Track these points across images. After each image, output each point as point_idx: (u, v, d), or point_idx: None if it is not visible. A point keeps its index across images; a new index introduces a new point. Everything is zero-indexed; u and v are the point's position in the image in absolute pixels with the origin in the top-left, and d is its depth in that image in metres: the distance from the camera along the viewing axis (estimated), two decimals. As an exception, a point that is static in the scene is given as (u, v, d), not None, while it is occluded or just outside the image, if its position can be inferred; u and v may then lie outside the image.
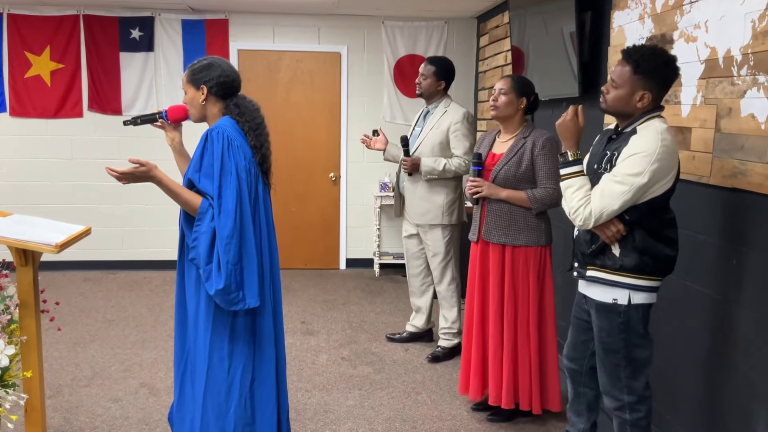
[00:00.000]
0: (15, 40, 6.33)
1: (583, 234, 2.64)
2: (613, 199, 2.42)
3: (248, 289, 2.47)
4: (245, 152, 2.53)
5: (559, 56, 4.22)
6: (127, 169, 2.38)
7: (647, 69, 2.42)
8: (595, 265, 2.60)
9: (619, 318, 2.55)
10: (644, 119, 2.48)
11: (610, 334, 2.58)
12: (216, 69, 2.57)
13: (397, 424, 3.52)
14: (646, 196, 2.43)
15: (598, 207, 2.45)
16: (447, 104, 4.35)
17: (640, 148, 2.39)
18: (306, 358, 4.43)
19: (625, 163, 2.41)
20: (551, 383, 3.45)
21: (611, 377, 2.63)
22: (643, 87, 2.44)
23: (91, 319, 5.17)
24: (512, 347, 3.40)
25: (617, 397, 2.63)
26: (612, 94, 2.50)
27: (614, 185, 2.42)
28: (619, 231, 2.49)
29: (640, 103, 2.46)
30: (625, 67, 2.45)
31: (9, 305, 2.77)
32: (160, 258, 6.67)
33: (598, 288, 2.61)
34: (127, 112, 6.49)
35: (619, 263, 2.52)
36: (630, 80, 2.44)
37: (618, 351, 2.58)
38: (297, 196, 6.83)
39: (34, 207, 6.35)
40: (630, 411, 2.61)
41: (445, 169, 4.20)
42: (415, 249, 4.56)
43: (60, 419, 3.49)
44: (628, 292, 2.53)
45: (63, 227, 2.78)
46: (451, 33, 6.75)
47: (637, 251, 2.49)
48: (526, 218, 3.35)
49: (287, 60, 6.69)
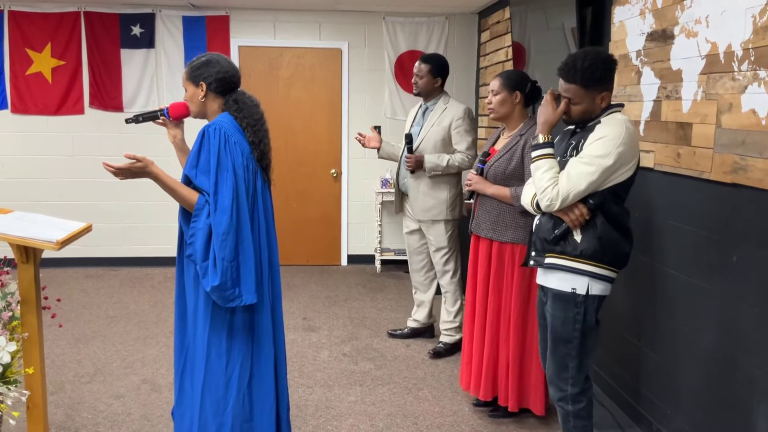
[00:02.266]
0: (16, 36, 6.33)
1: (545, 221, 2.69)
2: (580, 179, 2.50)
3: (245, 286, 2.47)
4: (243, 148, 2.53)
5: (560, 52, 4.21)
6: (123, 164, 2.38)
7: (594, 79, 2.55)
8: (554, 252, 2.65)
9: (575, 308, 2.62)
10: (606, 113, 2.60)
11: (564, 324, 2.64)
12: (215, 65, 2.57)
13: (399, 420, 3.52)
14: (610, 180, 2.53)
15: (566, 187, 2.52)
16: (446, 101, 4.36)
17: (606, 133, 2.51)
18: (307, 354, 4.43)
19: (592, 146, 2.52)
20: (534, 384, 3.40)
21: (559, 367, 2.70)
22: (600, 92, 2.58)
23: (92, 315, 5.18)
24: (493, 342, 3.43)
25: (561, 388, 2.71)
26: (575, 110, 2.62)
27: (581, 166, 2.51)
28: (583, 214, 2.55)
29: (603, 103, 2.61)
30: (574, 86, 2.58)
31: (10, 302, 2.78)
32: (162, 255, 6.68)
33: (556, 277, 2.66)
34: (128, 108, 6.50)
35: (579, 249, 2.57)
36: (585, 95, 2.58)
37: (570, 341, 2.65)
38: (298, 192, 6.83)
39: (35, 204, 6.35)
40: (572, 402, 2.69)
41: (449, 164, 4.21)
42: (416, 245, 4.56)
43: (62, 416, 3.50)
44: (588, 280, 2.59)
45: (64, 224, 2.78)
46: (452, 29, 6.74)
47: (597, 238, 2.55)
48: (514, 215, 3.34)
49: (288, 56, 6.69)
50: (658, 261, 3.22)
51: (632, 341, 3.46)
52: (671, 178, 3.10)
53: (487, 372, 3.45)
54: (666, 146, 3.12)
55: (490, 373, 3.45)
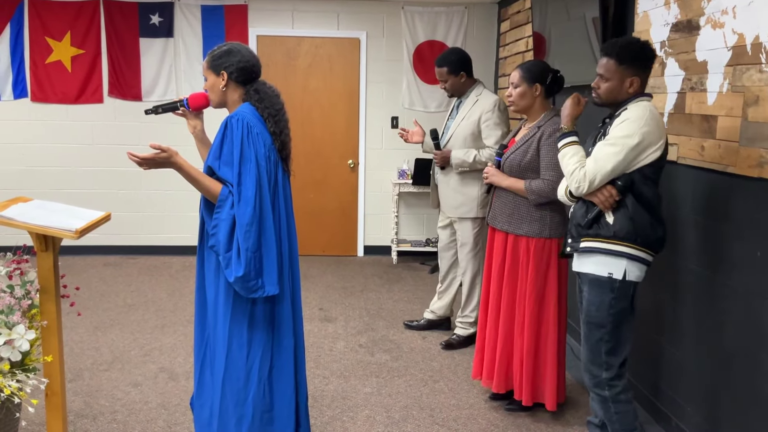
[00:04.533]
0: (36, 25, 6.36)
1: (578, 208, 2.76)
2: (606, 160, 2.57)
3: (267, 277, 2.47)
4: (265, 139, 2.52)
5: (582, 42, 4.16)
6: (148, 154, 2.38)
7: (629, 57, 2.63)
8: (589, 235, 2.68)
9: (611, 294, 2.64)
10: (633, 101, 2.65)
11: (599, 309, 2.67)
12: (236, 55, 2.56)
13: (415, 412, 3.51)
14: (638, 161, 2.58)
15: (593, 169, 2.59)
16: (478, 92, 4.29)
17: (629, 115, 2.58)
18: (324, 344, 4.43)
19: (617, 128, 2.59)
20: (548, 379, 3.36)
21: (592, 352, 2.72)
22: (631, 74, 2.64)
23: (111, 303, 5.21)
24: (506, 335, 3.41)
25: (595, 373, 2.72)
26: (604, 87, 2.69)
27: (607, 147, 2.58)
28: (612, 195, 2.59)
29: (631, 88, 2.65)
30: (610, 61, 2.66)
31: (29, 290, 2.79)
32: (180, 243, 6.71)
33: (592, 261, 2.69)
34: (147, 98, 6.52)
35: (612, 230, 2.61)
36: (618, 71, 2.64)
37: (604, 326, 2.67)
38: (315, 182, 6.82)
39: (54, 192, 6.40)
40: (608, 387, 2.70)
41: (476, 160, 4.13)
42: (447, 240, 4.53)
43: (80, 403, 3.52)
44: (624, 263, 2.62)
45: (83, 213, 2.79)
46: (472, 18, 6.68)
47: (629, 219, 2.59)
48: (529, 208, 3.31)
49: (306, 46, 6.67)
50: (680, 256, 3.18)
51: (653, 337, 3.42)
52: (695, 172, 3.05)
53: (501, 364, 3.44)
54: (690, 139, 3.07)
55: (504, 365, 3.44)
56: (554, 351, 3.34)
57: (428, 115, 6.68)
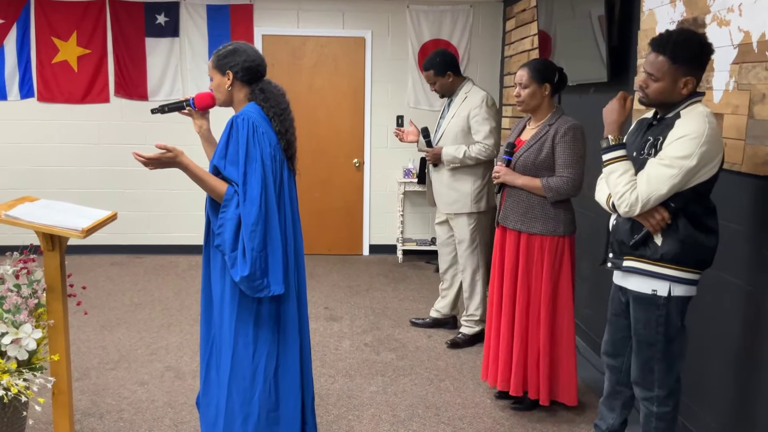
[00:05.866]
0: (42, 25, 6.38)
1: (622, 223, 2.56)
2: (661, 183, 2.35)
3: (273, 276, 2.47)
4: (270, 138, 2.53)
5: (588, 40, 4.15)
6: (153, 154, 2.38)
7: (686, 57, 2.37)
8: (633, 255, 2.53)
9: (658, 311, 2.49)
10: (687, 104, 2.43)
11: (647, 327, 2.53)
12: (241, 54, 2.57)
13: (420, 411, 3.51)
14: (693, 181, 2.37)
15: (645, 192, 2.38)
16: (467, 89, 4.32)
17: (688, 131, 2.34)
18: (329, 343, 4.44)
19: (673, 146, 2.35)
20: (564, 376, 3.38)
21: (644, 370, 2.59)
22: (685, 74, 2.39)
23: (117, 302, 5.23)
24: (522, 335, 3.39)
25: (648, 388, 2.60)
26: (653, 87, 2.43)
27: (662, 169, 2.35)
28: (664, 219, 2.42)
29: (685, 89, 2.41)
30: (661, 58, 2.39)
31: (36, 289, 2.81)
32: (186, 243, 6.73)
33: (636, 279, 2.55)
34: (153, 97, 6.54)
35: (660, 253, 2.45)
36: (670, 71, 2.38)
37: (654, 344, 2.53)
38: (321, 181, 6.83)
39: (61, 192, 6.43)
40: (658, 404, 2.58)
41: (466, 156, 4.16)
42: (445, 236, 4.54)
43: (87, 402, 3.54)
44: (669, 284, 2.46)
45: (89, 212, 2.80)
46: (477, 17, 6.67)
47: (679, 241, 2.41)
48: (544, 207, 3.30)
49: (311, 45, 6.67)
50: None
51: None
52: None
53: (518, 366, 3.40)
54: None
55: (521, 367, 3.40)
56: (569, 348, 3.35)
57: (433, 113, 6.67)
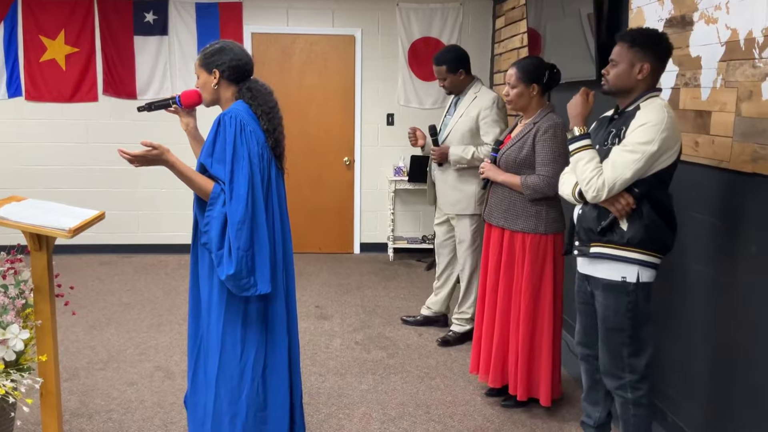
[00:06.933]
0: (30, 24, 6.34)
1: (589, 211, 2.66)
2: (626, 168, 2.47)
3: (260, 275, 2.47)
4: (258, 137, 2.52)
5: (577, 38, 4.16)
6: (139, 152, 2.37)
7: (642, 42, 2.55)
8: (600, 241, 2.62)
9: (627, 297, 2.59)
10: (645, 97, 2.57)
11: (617, 314, 2.62)
12: (228, 53, 2.56)
13: (411, 409, 3.51)
14: (655, 166, 2.50)
15: (611, 177, 2.49)
16: (477, 89, 4.28)
17: (649, 119, 2.48)
18: (320, 342, 4.43)
19: (635, 133, 2.48)
20: (543, 375, 3.38)
21: (614, 357, 2.67)
22: (641, 59, 2.55)
23: (107, 302, 5.20)
24: (503, 330, 3.42)
25: (619, 376, 2.67)
26: (612, 73, 2.61)
27: (626, 154, 2.48)
28: (629, 204, 2.53)
29: (640, 74, 2.56)
30: (620, 44, 2.60)
31: (24, 290, 2.79)
32: (176, 242, 6.70)
33: (604, 266, 2.63)
34: (141, 96, 6.50)
35: (626, 237, 2.55)
36: (627, 55, 2.57)
37: (624, 330, 2.62)
38: (311, 180, 6.81)
39: (49, 191, 6.39)
40: (632, 390, 2.65)
41: (474, 157, 4.11)
42: (444, 236, 4.53)
43: (76, 402, 3.52)
44: (637, 269, 2.56)
45: (77, 212, 2.78)
46: (467, 15, 6.67)
47: (644, 226, 2.53)
48: (525, 204, 3.32)
49: (301, 43, 6.65)
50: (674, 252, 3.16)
51: (647, 332, 3.42)
52: (689, 168, 3.05)
53: (497, 359, 3.46)
54: (684, 135, 3.06)
55: (500, 359, 3.46)
56: (549, 346, 3.34)
57: (424, 111, 6.69)
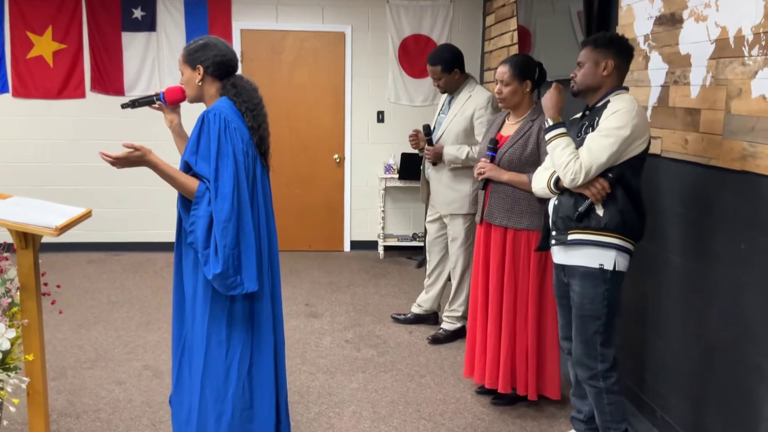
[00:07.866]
0: (17, 19, 6.27)
1: (565, 200, 2.75)
2: (601, 151, 2.58)
3: (246, 274, 2.44)
4: (243, 134, 2.49)
5: (566, 36, 4.16)
6: (121, 153, 2.34)
7: (603, 42, 2.72)
8: (578, 228, 2.70)
9: (604, 285, 2.67)
10: (614, 94, 2.71)
11: (593, 302, 2.69)
12: (212, 49, 2.53)
13: (401, 407, 3.51)
14: (627, 152, 2.61)
15: (588, 160, 2.60)
16: (471, 88, 4.26)
17: (620, 106, 2.61)
18: (310, 340, 4.42)
19: (609, 119, 2.61)
20: (550, 370, 3.40)
21: (587, 345, 2.75)
22: (604, 56, 2.70)
23: (95, 301, 5.17)
24: (510, 331, 3.38)
25: (591, 366, 2.75)
26: (580, 73, 2.76)
27: (601, 139, 2.59)
28: (605, 188, 2.62)
29: (605, 71, 2.70)
30: (586, 48, 2.75)
31: (10, 288, 2.76)
32: (164, 240, 6.64)
33: (581, 253, 2.71)
34: (129, 92, 6.45)
35: (603, 222, 2.64)
36: (591, 55, 2.72)
37: (599, 318, 2.70)
38: (301, 177, 6.79)
39: (35, 188, 6.32)
40: (604, 378, 2.73)
41: (469, 157, 4.10)
42: (436, 234, 4.51)
43: (63, 401, 3.49)
44: (614, 254, 2.65)
45: (64, 210, 2.75)
46: (457, 12, 6.66)
47: (618, 211, 2.63)
48: (530, 202, 3.30)
49: (291, 40, 6.62)
50: (664, 248, 3.18)
51: (637, 330, 3.43)
52: (679, 165, 3.06)
53: (506, 363, 3.38)
54: (674, 132, 3.08)
55: (509, 363, 3.39)
56: (554, 340, 3.36)
57: (414, 109, 6.68)
